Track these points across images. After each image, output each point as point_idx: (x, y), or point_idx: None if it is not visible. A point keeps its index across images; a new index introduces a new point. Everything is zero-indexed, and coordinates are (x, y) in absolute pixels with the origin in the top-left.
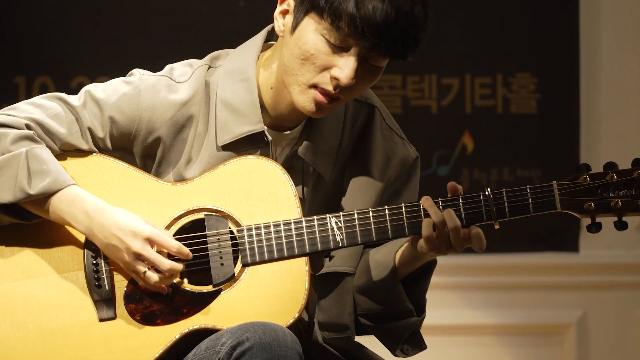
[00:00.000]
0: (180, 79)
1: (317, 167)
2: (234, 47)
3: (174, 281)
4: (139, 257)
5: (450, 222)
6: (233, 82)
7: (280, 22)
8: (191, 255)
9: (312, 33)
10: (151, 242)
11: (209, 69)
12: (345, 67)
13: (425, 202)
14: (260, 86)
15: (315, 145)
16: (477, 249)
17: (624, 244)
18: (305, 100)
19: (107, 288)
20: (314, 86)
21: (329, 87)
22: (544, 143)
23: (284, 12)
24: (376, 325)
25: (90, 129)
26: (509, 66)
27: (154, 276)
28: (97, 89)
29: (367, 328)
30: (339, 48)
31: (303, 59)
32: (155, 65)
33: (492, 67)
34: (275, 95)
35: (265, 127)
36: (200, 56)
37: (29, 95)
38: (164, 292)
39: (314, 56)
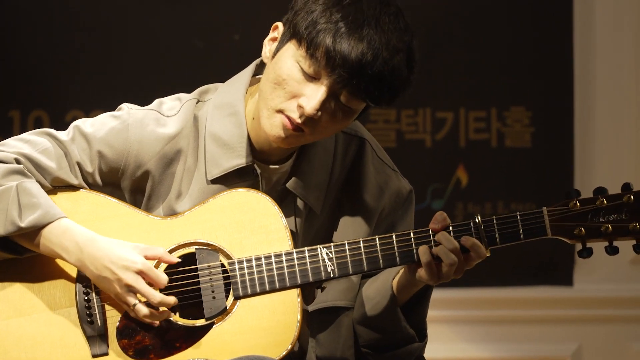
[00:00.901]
0: (168, 113)
1: (308, 200)
2: None
3: (169, 318)
4: (130, 290)
5: (448, 244)
6: (222, 115)
7: (267, 49)
8: (174, 300)
9: (289, 59)
10: (143, 274)
11: (197, 102)
12: (312, 97)
13: (441, 236)
14: (247, 118)
15: (306, 179)
16: (477, 258)
17: (618, 277)
18: (272, 125)
19: (99, 324)
20: (281, 111)
21: (294, 115)
22: (538, 176)
23: (273, 39)
24: (379, 354)
25: (79, 164)
26: (504, 100)
27: (143, 309)
28: (85, 124)
29: (371, 358)
30: (311, 77)
31: (276, 83)
32: (150, 99)
33: (487, 100)
34: (257, 125)
35: (255, 161)
36: (194, 90)
37: (23, 129)
38: (155, 325)
39: (285, 81)
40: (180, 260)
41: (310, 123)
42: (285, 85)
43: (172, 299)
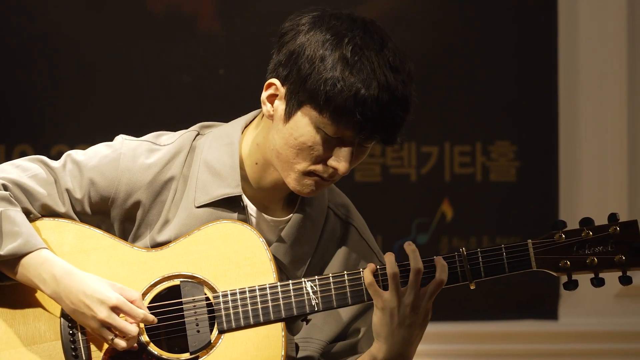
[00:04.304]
0: (164, 143)
1: (289, 272)
2: (214, 115)
3: (154, 352)
4: (105, 325)
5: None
6: (218, 145)
7: (269, 107)
8: (156, 320)
9: (309, 126)
10: (117, 309)
11: (197, 135)
12: (342, 157)
13: (408, 247)
14: (243, 157)
15: (291, 251)
16: (440, 277)
17: (603, 311)
18: (302, 186)
19: (84, 358)
20: (310, 173)
21: (325, 175)
22: (523, 211)
23: (272, 96)
24: None
25: (68, 190)
26: (488, 134)
27: (121, 343)
28: (78, 153)
29: None
30: (335, 139)
31: (299, 149)
32: (136, 134)
33: (472, 135)
34: (259, 170)
35: (242, 193)
36: (181, 124)
37: None
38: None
39: (311, 147)
40: (147, 311)
41: (339, 175)
42: (311, 150)
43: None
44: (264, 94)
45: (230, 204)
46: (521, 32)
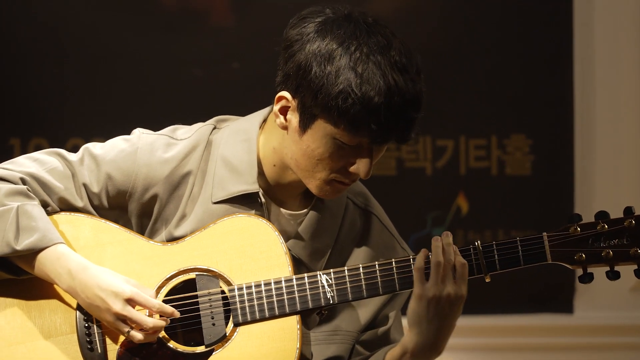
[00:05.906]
0: (181, 137)
1: (308, 265)
2: (229, 110)
3: (169, 345)
4: (121, 318)
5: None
6: (236, 141)
7: (282, 119)
8: (177, 313)
9: (326, 137)
10: (132, 302)
11: (214, 129)
12: (362, 164)
13: (446, 237)
14: (261, 156)
15: (311, 243)
16: (459, 261)
17: (619, 305)
18: (324, 191)
19: (99, 351)
20: (331, 181)
21: (347, 180)
22: (538, 204)
23: (284, 108)
24: None
25: (85, 185)
26: (504, 128)
27: (138, 335)
28: (95, 146)
29: None
30: (353, 147)
31: (319, 159)
32: (150, 128)
33: (487, 128)
34: (278, 171)
35: (260, 190)
36: (194, 119)
37: None
38: (153, 342)
39: (330, 157)
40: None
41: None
42: (330, 160)
43: (163, 322)
44: (276, 107)
45: (247, 200)
46: (537, 25)
